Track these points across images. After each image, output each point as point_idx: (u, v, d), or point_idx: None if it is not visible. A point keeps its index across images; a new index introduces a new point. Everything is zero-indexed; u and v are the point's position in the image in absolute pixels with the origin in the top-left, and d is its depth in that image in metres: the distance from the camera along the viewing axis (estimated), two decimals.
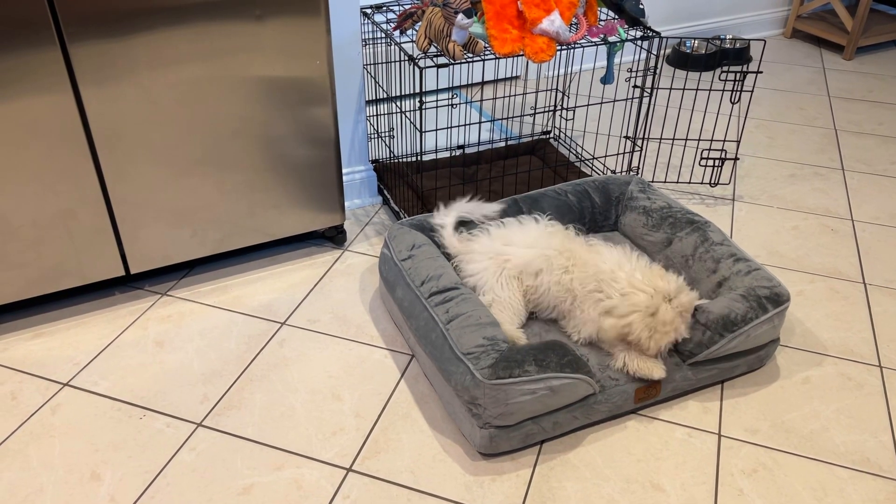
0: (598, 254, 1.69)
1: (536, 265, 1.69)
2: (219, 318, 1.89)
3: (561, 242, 1.72)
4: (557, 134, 2.69)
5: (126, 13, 1.57)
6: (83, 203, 1.73)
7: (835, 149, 2.73)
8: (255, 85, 1.77)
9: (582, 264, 1.67)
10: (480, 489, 1.46)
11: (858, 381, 1.73)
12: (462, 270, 1.77)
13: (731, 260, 1.77)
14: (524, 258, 1.71)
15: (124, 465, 1.50)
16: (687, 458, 1.53)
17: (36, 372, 1.72)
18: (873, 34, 3.50)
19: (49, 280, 1.79)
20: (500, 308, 1.68)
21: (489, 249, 1.74)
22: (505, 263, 1.71)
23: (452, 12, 1.80)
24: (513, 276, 1.70)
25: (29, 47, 1.52)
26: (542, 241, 1.73)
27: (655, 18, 3.45)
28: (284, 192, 1.95)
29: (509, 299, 1.69)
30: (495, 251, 1.73)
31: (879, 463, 1.53)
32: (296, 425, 1.59)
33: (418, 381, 1.71)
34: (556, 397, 1.47)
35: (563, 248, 1.71)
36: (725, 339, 1.60)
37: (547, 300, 1.71)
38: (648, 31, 2.06)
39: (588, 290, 1.64)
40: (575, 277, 1.66)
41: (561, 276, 1.68)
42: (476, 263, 1.74)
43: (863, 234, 2.26)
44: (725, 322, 1.60)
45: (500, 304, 1.68)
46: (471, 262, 1.75)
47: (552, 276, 1.68)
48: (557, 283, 1.68)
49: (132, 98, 1.66)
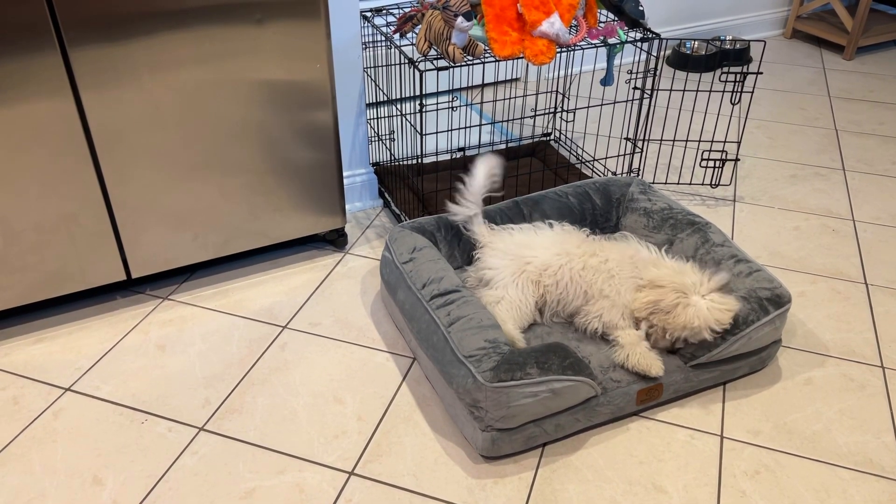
0: (628, 242, 1.78)
1: (557, 261, 1.73)
2: (220, 321, 1.89)
3: (579, 243, 1.77)
4: (558, 136, 2.70)
5: (126, 17, 1.57)
6: (84, 207, 1.73)
7: (836, 149, 2.73)
8: (256, 88, 1.77)
9: (611, 250, 1.74)
10: (483, 492, 1.46)
11: (861, 382, 1.72)
12: (482, 261, 1.79)
13: (732, 261, 1.77)
14: (545, 258, 1.74)
15: (126, 470, 1.50)
16: (689, 460, 1.53)
17: (38, 377, 1.72)
18: (873, 34, 3.50)
19: (51, 285, 1.79)
20: (507, 307, 1.69)
21: (511, 249, 1.77)
22: (526, 266, 1.73)
23: (452, 15, 1.80)
24: (531, 280, 1.72)
25: (29, 52, 1.52)
26: (560, 241, 1.77)
27: (655, 20, 3.45)
28: (285, 196, 1.95)
29: (520, 301, 1.70)
30: (517, 253, 1.76)
31: (882, 464, 1.52)
32: (298, 429, 1.59)
33: (420, 384, 1.70)
34: (557, 400, 1.47)
35: (580, 247, 1.75)
36: (727, 341, 1.60)
37: (569, 291, 1.73)
38: (648, 33, 2.06)
39: (627, 275, 1.68)
40: (611, 258, 1.71)
41: (588, 259, 1.72)
42: (496, 259, 1.76)
43: (864, 234, 2.26)
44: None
45: (509, 304, 1.70)
46: (492, 255, 1.77)
47: (575, 264, 1.72)
48: (583, 269, 1.71)
49: (133, 102, 1.66)
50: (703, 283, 1.61)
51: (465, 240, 1.94)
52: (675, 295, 1.60)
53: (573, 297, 1.73)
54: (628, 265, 1.70)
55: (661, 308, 1.60)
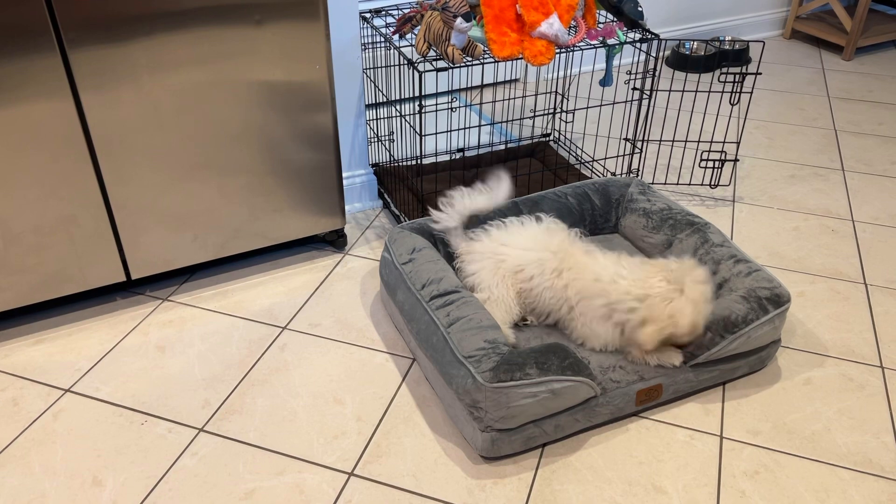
0: (595, 260, 1.69)
1: (529, 270, 1.71)
2: (220, 322, 1.89)
3: (559, 243, 1.72)
4: (557, 136, 2.70)
5: (126, 18, 1.57)
6: (84, 209, 1.73)
7: (835, 149, 2.73)
8: (256, 89, 1.77)
9: (579, 268, 1.67)
10: (482, 492, 1.46)
11: (860, 382, 1.72)
12: (463, 271, 1.78)
13: (731, 261, 1.77)
14: (518, 259, 1.73)
15: (126, 471, 1.50)
16: (689, 461, 1.53)
17: (38, 378, 1.72)
18: (872, 34, 3.50)
19: (50, 286, 1.79)
20: (493, 305, 1.70)
21: (488, 249, 1.77)
22: (500, 263, 1.73)
23: (451, 16, 1.81)
24: (506, 276, 1.72)
25: (29, 53, 1.53)
26: (541, 240, 1.74)
27: (654, 20, 3.45)
28: (285, 197, 1.95)
29: (502, 297, 1.71)
30: (493, 251, 1.76)
31: (882, 464, 1.53)
32: (297, 429, 1.59)
33: (419, 385, 1.71)
34: (557, 400, 1.47)
35: (559, 248, 1.71)
36: (726, 340, 1.60)
37: (541, 305, 1.72)
38: (647, 33, 2.06)
39: (597, 305, 1.62)
40: (570, 285, 1.67)
41: (554, 280, 1.68)
42: (475, 263, 1.76)
43: (863, 234, 2.26)
44: (726, 323, 1.60)
45: (494, 302, 1.70)
46: (471, 262, 1.78)
47: (544, 279, 1.69)
48: (550, 289, 1.69)
49: (132, 103, 1.67)
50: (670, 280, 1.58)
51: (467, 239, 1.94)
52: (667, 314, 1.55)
53: (545, 315, 1.74)
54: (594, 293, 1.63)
55: (671, 335, 1.56)
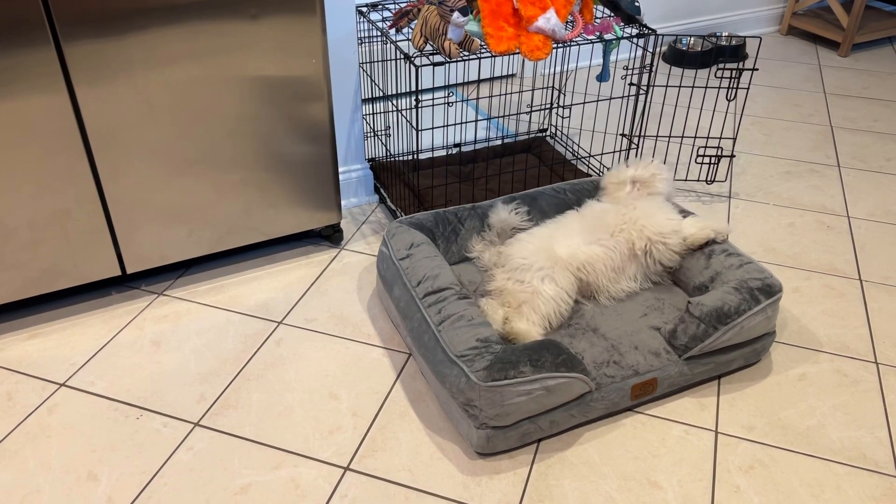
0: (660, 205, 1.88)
1: (589, 250, 1.78)
2: (215, 317, 1.88)
3: (614, 214, 1.85)
4: (554, 132, 2.70)
5: (121, 13, 1.57)
6: (79, 203, 1.73)
7: (831, 146, 2.74)
8: (251, 84, 1.77)
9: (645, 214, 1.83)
10: (478, 487, 1.46)
11: (854, 378, 1.73)
12: (509, 256, 1.78)
13: (723, 255, 1.78)
14: (574, 249, 1.77)
15: (121, 466, 1.50)
16: (684, 455, 1.53)
17: (32, 372, 1.72)
18: (869, 31, 3.51)
19: (45, 280, 1.79)
20: (542, 302, 1.67)
21: (542, 243, 1.78)
22: (559, 260, 1.74)
23: (448, 10, 1.80)
24: (568, 271, 1.74)
25: (23, 47, 1.52)
26: (593, 224, 1.84)
27: (651, 16, 3.45)
28: (281, 191, 1.95)
29: (557, 294, 1.69)
30: (547, 245, 1.77)
31: (876, 459, 1.53)
32: (293, 424, 1.59)
33: (415, 380, 1.71)
34: (552, 397, 1.47)
35: (618, 211, 1.85)
36: (719, 331, 1.60)
37: (611, 261, 1.79)
38: (644, 29, 2.06)
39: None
40: (645, 227, 1.81)
41: (623, 226, 1.81)
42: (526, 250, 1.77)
43: (859, 230, 2.26)
44: (719, 314, 1.60)
45: (544, 299, 1.67)
46: (522, 249, 1.78)
47: (614, 237, 1.80)
48: (621, 232, 1.81)
49: (127, 97, 1.66)
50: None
51: (462, 236, 1.94)
52: None
53: (609, 269, 1.80)
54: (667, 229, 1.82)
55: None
